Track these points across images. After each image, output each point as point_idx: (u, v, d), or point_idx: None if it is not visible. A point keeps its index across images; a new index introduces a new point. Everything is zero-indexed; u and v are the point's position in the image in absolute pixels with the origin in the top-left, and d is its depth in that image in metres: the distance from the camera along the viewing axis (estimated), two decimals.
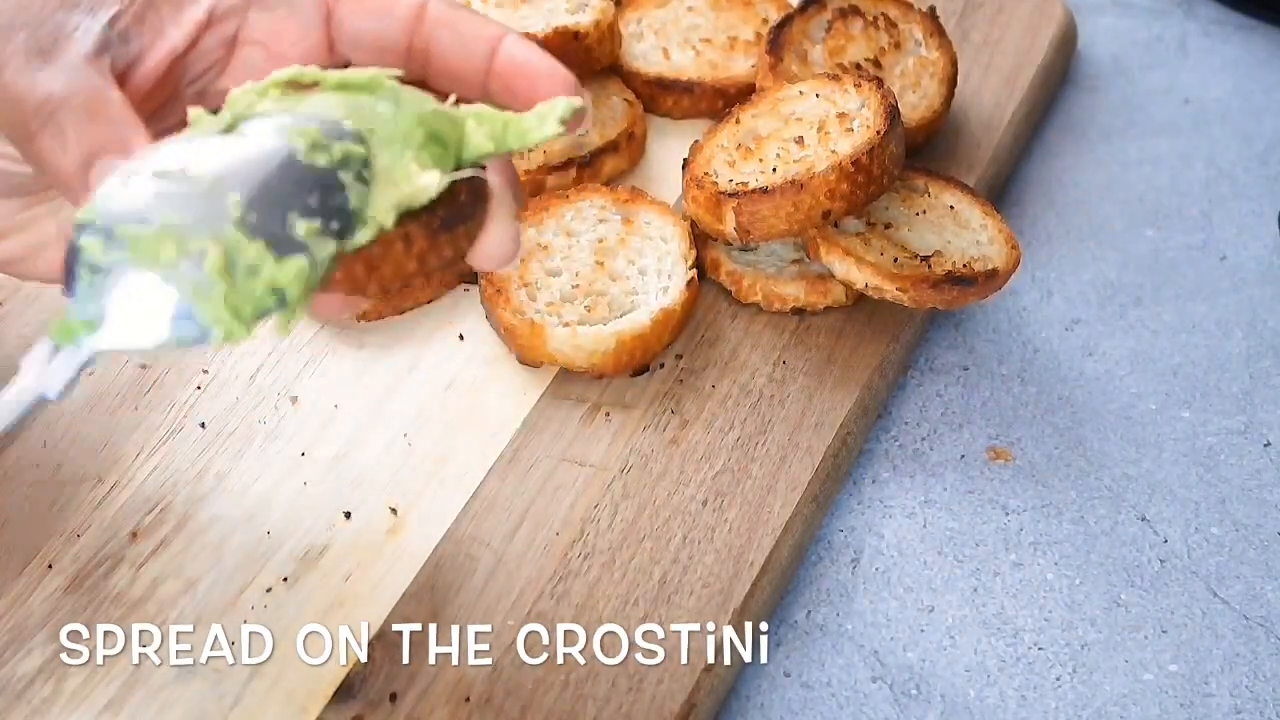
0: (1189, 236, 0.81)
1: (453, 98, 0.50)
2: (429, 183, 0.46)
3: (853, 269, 0.68)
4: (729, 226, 0.69)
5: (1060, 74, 0.88)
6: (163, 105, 0.52)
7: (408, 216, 0.46)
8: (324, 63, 0.53)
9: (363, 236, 0.45)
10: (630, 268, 0.71)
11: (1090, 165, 0.85)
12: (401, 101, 0.48)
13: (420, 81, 0.52)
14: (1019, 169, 0.84)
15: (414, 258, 0.47)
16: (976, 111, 0.82)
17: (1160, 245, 0.80)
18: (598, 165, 0.77)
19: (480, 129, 0.48)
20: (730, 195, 0.69)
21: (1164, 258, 0.80)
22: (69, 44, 0.49)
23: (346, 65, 0.53)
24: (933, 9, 0.82)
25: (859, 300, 0.72)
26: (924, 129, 0.78)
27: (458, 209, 0.47)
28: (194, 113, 0.46)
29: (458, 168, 0.48)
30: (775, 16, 0.84)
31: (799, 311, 0.72)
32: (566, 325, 0.68)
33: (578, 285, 0.70)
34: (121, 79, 0.49)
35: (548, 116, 0.48)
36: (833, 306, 0.72)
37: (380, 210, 0.45)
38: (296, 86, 0.48)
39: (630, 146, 0.79)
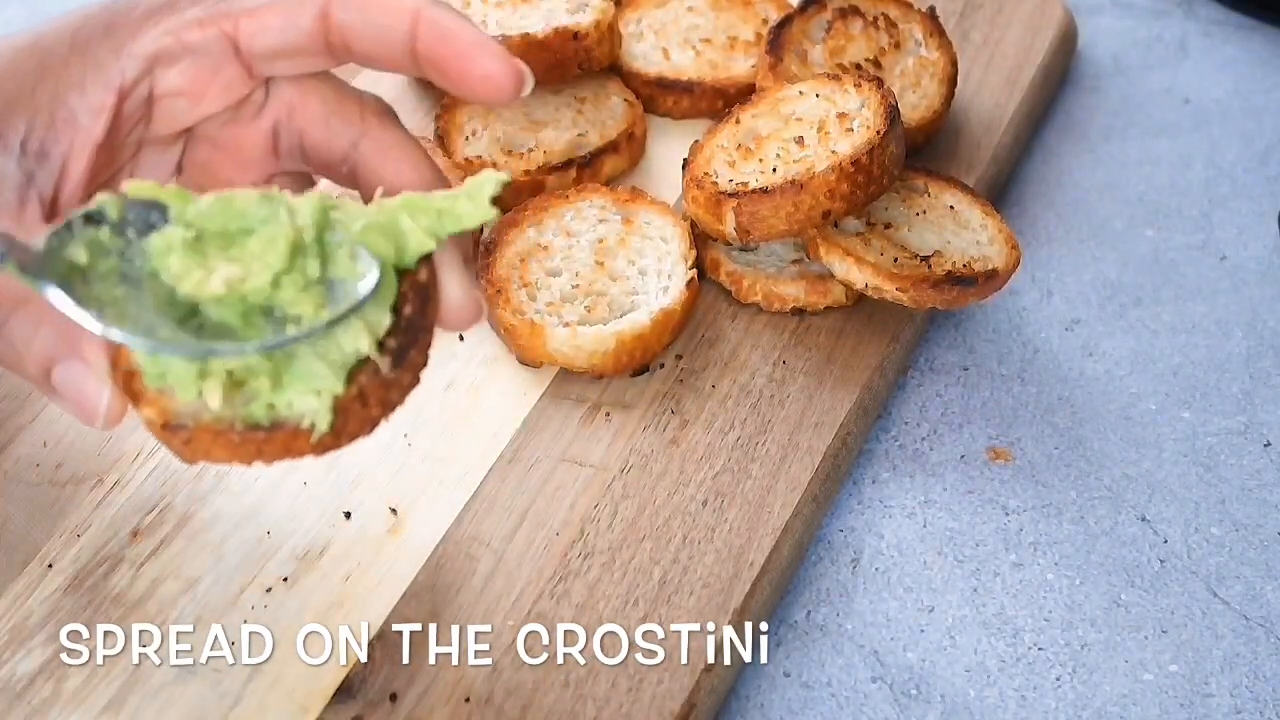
0: (1189, 236, 0.81)
1: (380, 191, 0.49)
2: (361, 346, 0.45)
3: (853, 269, 0.68)
4: (729, 226, 0.69)
5: (1060, 74, 0.88)
6: (105, 166, 0.52)
7: (357, 367, 0.46)
8: (247, 89, 0.52)
9: (322, 423, 0.45)
10: (630, 268, 0.71)
11: (1090, 165, 0.85)
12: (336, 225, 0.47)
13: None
14: (1019, 169, 0.84)
15: (376, 405, 0.46)
16: (976, 111, 0.82)
17: (1160, 245, 0.80)
18: (598, 165, 0.77)
19: (416, 224, 0.47)
20: (730, 195, 0.69)
21: (1164, 258, 0.80)
22: None
23: (269, 80, 0.53)
24: (933, 9, 0.82)
25: (859, 300, 0.72)
26: (924, 129, 0.78)
27: (405, 328, 0.46)
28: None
29: (400, 270, 0.47)
30: (775, 16, 0.84)
31: (799, 311, 0.72)
32: (566, 325, 0.68)
33: (578, 285, 0.70)
34: (56, 193, 0.49)
35: (478, 197, 0.47)
36: (833, 306, 0.72)
37: (327, 382, 0.45)
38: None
39: (630, 146, 0.79)
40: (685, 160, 0.74)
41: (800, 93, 0.74)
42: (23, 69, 0.50)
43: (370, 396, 0.46)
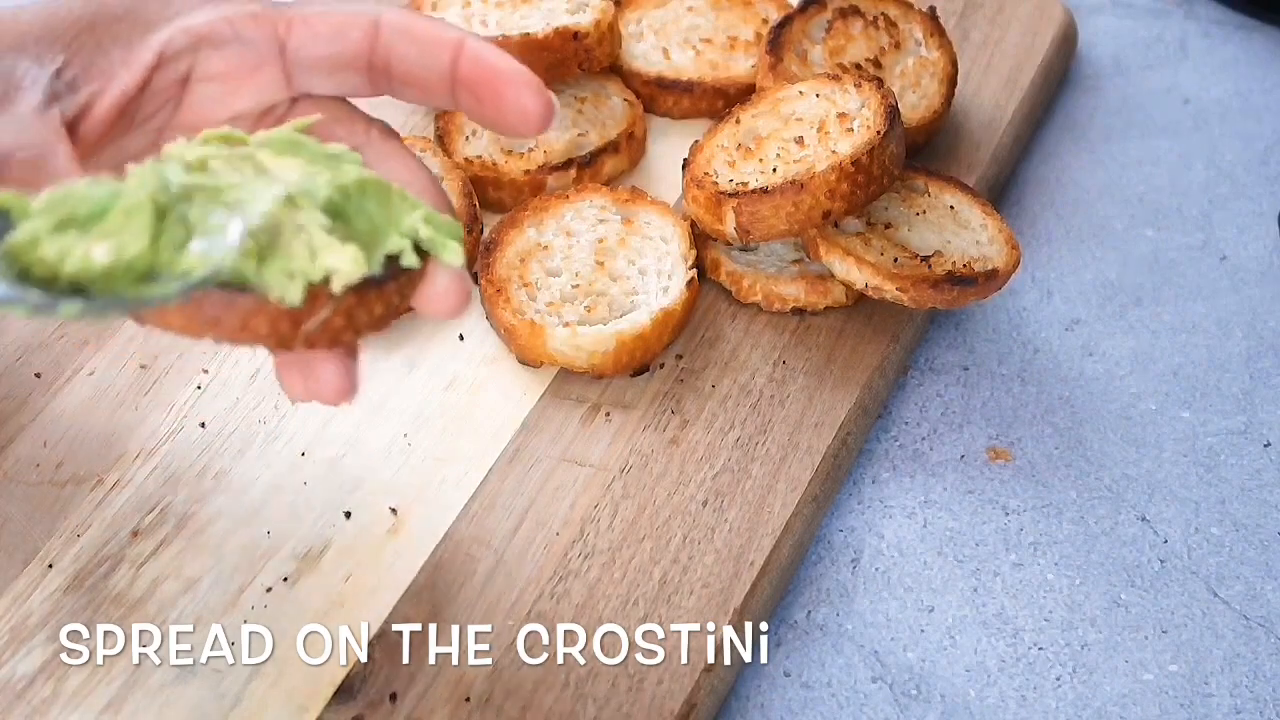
0: (1189, 236, 0.81)
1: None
2: (341, 265, 0.45)
3: (853, 269, 0.68)
4: (729, 226, 0.69)
5: (1060, 74, 0.88)
6: (117, 140, 0.52)
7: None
8: (282, 96, 0.53)
9: (294, 297, 0.44)
10: (630, 268, 0.71)
11: (1090, 165, 0.85)
12: (332, 165, 0.47)
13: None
14: (1019, 169, 0.84)
15: (341, 314, 0.46)
16: (976, 111, 0.82)
17: (1160, 245, 0.80)
18: (598, 165, 0.77)
19: (424, 229, 0.48)
20: (730, 195, 0.69)
21: (1164, 258, 0.80)
22: (19, 95, 0.49)
23: (297, 99, 0.53)
24: (933, 9, 0.82)
25: (859, 300, 0.72)
26: (924, 129, 0.78)
27: (389, 267, 0.47)
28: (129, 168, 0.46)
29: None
30: (775, 16, 0.84)
31: (799, 311, 0.72)
32: (566, 325, 0.68)
33: (578, 285, 0.70)
34: (73, 124, 0.50)
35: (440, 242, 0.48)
36: (833, 306, 0.72)
37: (306, 264, 0.44)
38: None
39: (630, 146, 0.79)
40: (685, 160, 0.74)
41: (800, 93, 0.74)
42: (78, 12, 0.51)
43: (339, 302, 0.45)
